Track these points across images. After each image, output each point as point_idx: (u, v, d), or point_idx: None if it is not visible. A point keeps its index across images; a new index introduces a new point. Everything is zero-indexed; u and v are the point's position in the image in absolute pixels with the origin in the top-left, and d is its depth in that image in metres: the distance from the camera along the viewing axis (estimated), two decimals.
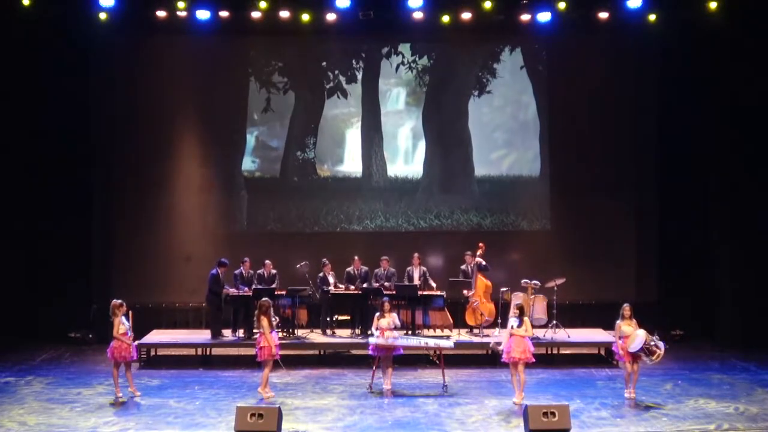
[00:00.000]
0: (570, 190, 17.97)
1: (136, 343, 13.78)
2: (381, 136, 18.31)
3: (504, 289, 16.06)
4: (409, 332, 15.21)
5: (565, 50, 17.89)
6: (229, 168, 18.21)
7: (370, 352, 13.59)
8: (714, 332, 17.34)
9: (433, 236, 18.09)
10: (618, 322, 13.07)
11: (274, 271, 16.13)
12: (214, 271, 15.79)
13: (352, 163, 18.42)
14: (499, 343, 13.45)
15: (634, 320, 12.97)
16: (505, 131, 18.45)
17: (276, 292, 15.47)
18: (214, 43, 17.69)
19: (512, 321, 12.93)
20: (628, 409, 12.45)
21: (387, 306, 13.54)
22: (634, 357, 12.80)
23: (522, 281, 15.89)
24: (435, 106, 18.28)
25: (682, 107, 17.45)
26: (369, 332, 14.34)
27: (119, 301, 13.14)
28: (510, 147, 18.42)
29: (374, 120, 18.32)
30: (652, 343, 12.72)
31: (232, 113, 18.22)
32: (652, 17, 16.94)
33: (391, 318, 13.45)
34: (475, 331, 16.03)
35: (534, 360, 12.94)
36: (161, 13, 16.81)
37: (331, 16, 17.03)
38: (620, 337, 12.98)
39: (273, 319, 13.37)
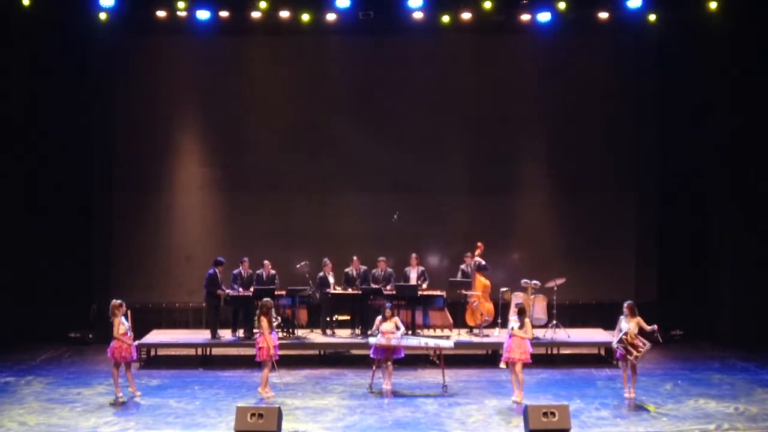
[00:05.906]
0: (570, 190, 17.96)
1: (136, 343, 13.79)
2: None
3: (504, 289, 16.06)
4: (409, 332, 15.20)
5: (565, 50, 17.86)
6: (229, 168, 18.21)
7: (371, 355, 13.54)
8: (714, 332, 17.33)
9: (432, 236, 18.08)
10: (621, 318, 13.04)
11: (273, 272, 16.11)
12: (211, 271, 15.80)
13: None
14: None
15: (639, 317, 12.86)
16: None
17: (276, 292, 15.47)
18: (214, 43, 17.68)
19: (513, 322, 12.92)
20: (628, 409, 12.45)
21: (389, 312, 13.49)
22: (623, 356, 12.75)
23: (522, 281, 15.89)
24: None
25: (681, 107, 17.48)
26: (369, 333, 14.33)
27: (119, 301, 13.14)
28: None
29: None
30: (635, 341, 12.57)
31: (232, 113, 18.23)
32: (652, 17, 16.97)
33: (394, 323, 13.42)
34: (475, 331, 16.03)
35: (531, 361, 12.92)
36: (161, 13, 16.84)
37: (331, 16, 17.05)
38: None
39: (275, 319, 13.34)
